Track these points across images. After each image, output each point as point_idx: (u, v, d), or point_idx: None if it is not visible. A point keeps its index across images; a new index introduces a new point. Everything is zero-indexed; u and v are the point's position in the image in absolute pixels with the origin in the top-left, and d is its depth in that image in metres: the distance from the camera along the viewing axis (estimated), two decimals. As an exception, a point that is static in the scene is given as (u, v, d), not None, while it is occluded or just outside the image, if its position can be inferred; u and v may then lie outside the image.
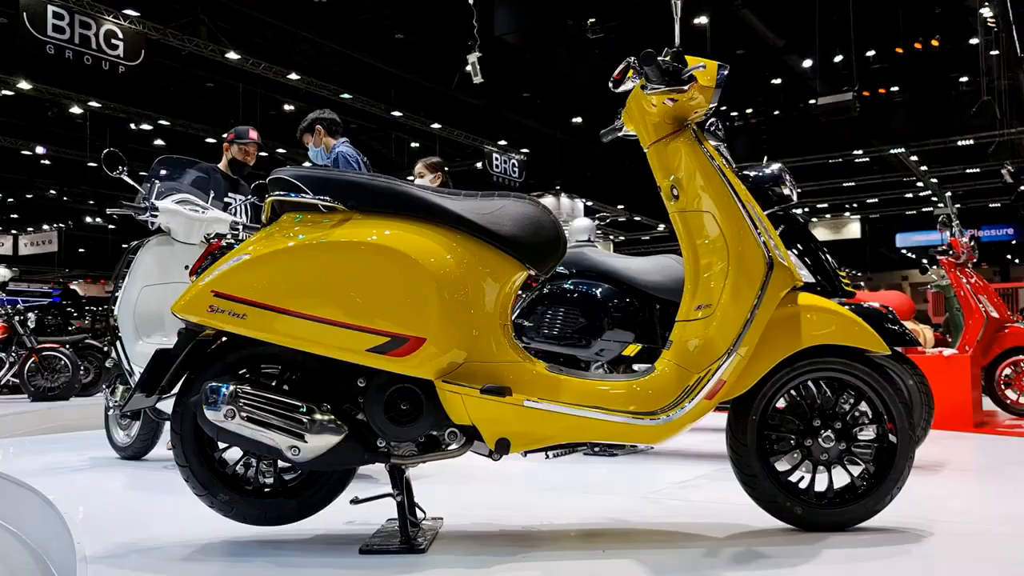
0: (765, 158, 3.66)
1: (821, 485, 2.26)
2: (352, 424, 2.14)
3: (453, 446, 2.16)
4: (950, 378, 4.79)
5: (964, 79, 18.83)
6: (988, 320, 5.50)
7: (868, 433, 2.26)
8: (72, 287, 34.07)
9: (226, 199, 4.75)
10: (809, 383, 2.28)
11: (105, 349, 10.65)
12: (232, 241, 2.30)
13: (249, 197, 4.49)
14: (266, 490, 2.27)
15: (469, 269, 2.13)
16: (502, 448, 2.11)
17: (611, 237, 24.37)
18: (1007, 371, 5.60)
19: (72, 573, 2.41)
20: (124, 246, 3.92)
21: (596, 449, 3.85)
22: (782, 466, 2.27)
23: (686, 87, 2.16)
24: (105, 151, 3.82)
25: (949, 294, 8.17)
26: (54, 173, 24.20)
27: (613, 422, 2.12)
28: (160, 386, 2.23)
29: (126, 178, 3.85)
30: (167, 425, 3.58)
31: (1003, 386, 5.62)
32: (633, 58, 2.27)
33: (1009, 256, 32.15)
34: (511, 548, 2.13)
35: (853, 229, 27.97)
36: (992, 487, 3.21)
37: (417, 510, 2.29)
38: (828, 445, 2.23)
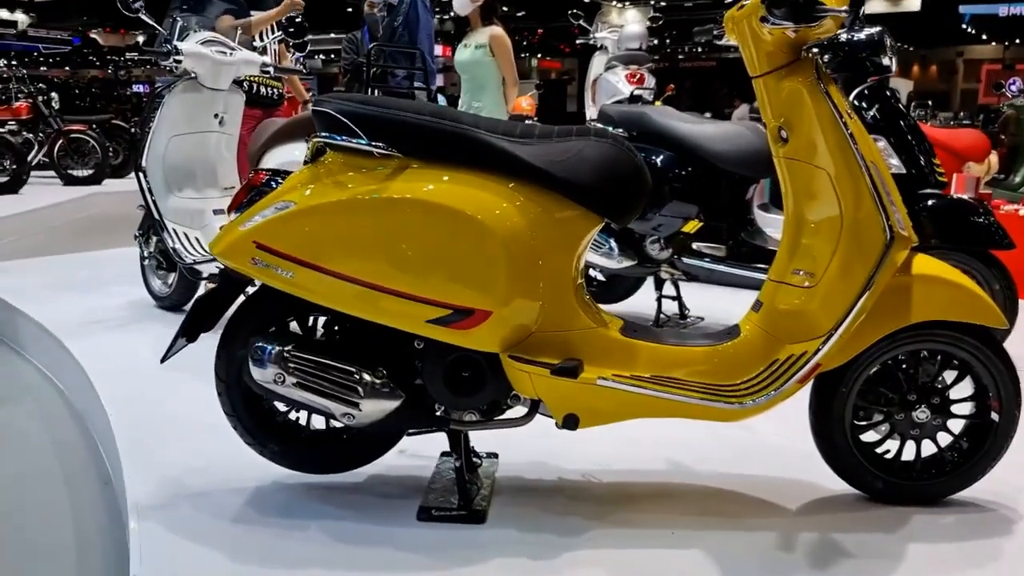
0: (861, 10, 3.19)
1: (904, 455, 2.12)
2: (409, 389, 1.98)
3: (517, 415, 2.01)
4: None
5: None
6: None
7: (968, 409, 2.09)
8: (92, 35, 33.13)
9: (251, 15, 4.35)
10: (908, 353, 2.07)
11: (133, 130, 10.44)
12: (272, 180, 2.02)
13: (277, 33, 4.07)
14: (318, 439, 2.16)
15: (542, 230, 1.87)
16: (570, 423, 1.96)
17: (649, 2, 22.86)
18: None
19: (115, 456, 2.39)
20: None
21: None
22: (867, 437, 2.12)
23: (816, 22, 1.78)
24: (121, -16, 3.41)
25: (1023, 115, 7.66)
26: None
27: (691, 404, 1.94)
28: (201, 330, 2.08)
29: (145, 16, 3.47)
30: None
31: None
32: None
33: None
34: (571, 519, 2.02)
35: (912, 1, 26.05)
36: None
37: (473, 457, 2.19)
38: (923, 419, 2.06)
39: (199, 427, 2.46)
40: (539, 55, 30.03)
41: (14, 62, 15.36)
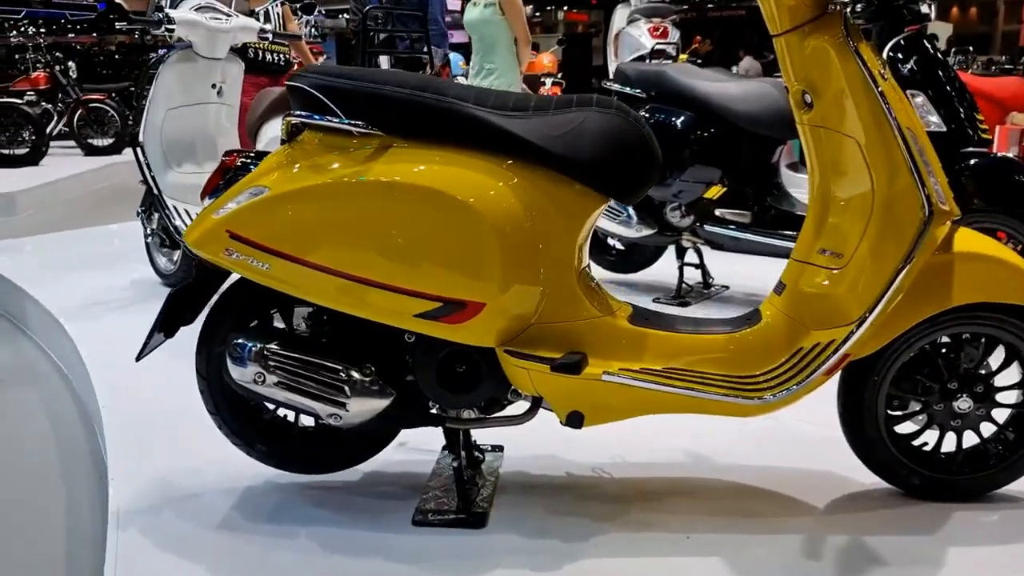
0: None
1: (944, 447, 1.94)
2: (400, 386, 1.83)
3: (517, 412, 1.86)
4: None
5: None
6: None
7: (1015, 397, 1.90)
8: (117, 1, 33.10)
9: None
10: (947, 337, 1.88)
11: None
12: (249, 162, 1.86)
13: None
14: (308, 438, 2.03)
15: (540, 213, 1.70)
16: (574, 422, 1.80)
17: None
18: None
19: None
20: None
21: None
22: (902, 428, 1.94)
23: (843, -30, 1.58)
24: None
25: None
26: None
27: (706, 399, 1.77)
28: (180, 324, 1.95)
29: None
30: None
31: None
32: None
33: None
34: (579, 521, 1.88)
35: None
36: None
37: (475, 452, 2.06)
38: (964, 408, 1.88)
39: (193, 423, 2.33)
40: (565, 7, 29.36)
41: (42, 30, 15.30)
